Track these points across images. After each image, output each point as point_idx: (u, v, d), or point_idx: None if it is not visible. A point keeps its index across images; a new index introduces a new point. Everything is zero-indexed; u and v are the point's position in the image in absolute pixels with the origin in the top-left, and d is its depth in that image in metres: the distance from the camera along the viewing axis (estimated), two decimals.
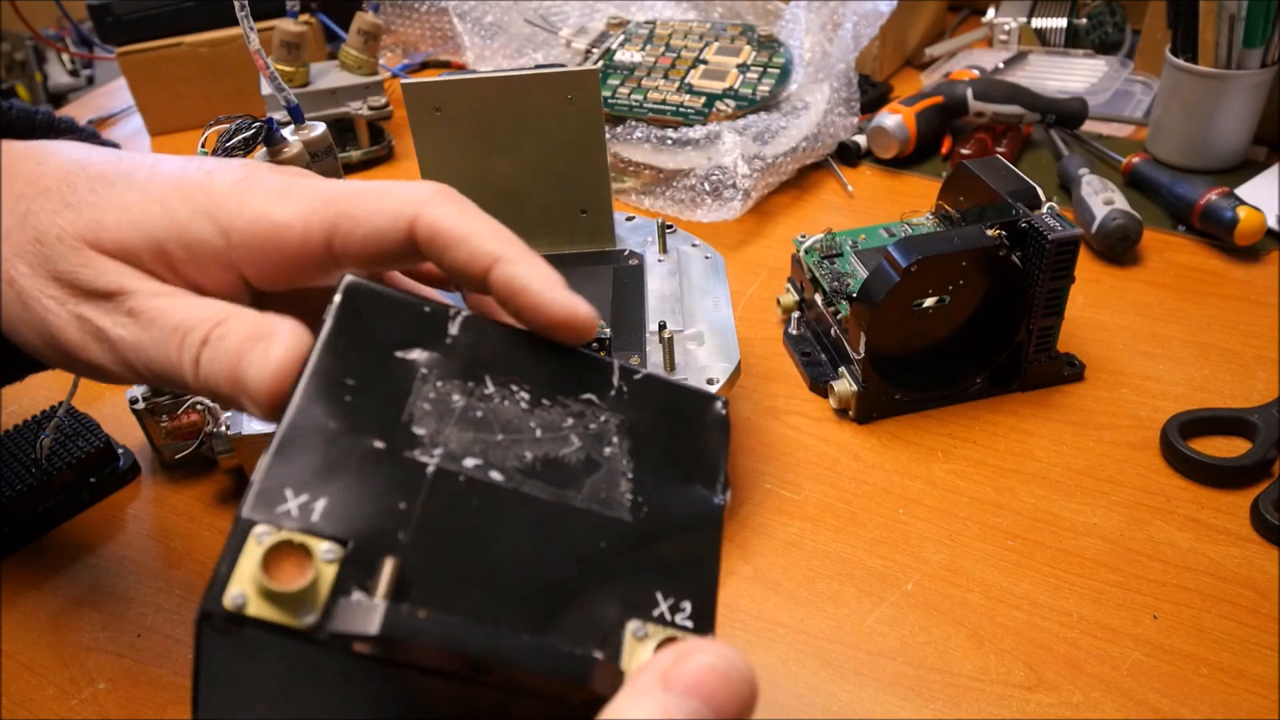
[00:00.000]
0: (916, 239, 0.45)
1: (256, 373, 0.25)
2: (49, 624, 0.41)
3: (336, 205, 0.27)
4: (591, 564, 0.23)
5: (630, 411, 0.26)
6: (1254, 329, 0.53)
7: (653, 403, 0.27)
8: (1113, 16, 0.88)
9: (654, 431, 0.26)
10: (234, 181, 0.28)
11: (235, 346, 0.25)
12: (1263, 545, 0.41)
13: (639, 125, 0.69)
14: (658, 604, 0.23)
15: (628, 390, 0.26)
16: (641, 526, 0.25)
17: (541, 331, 0.26)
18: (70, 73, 1.95)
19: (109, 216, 0.28)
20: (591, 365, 0.27)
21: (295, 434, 0.23)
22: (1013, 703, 0.36)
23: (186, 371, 0.26)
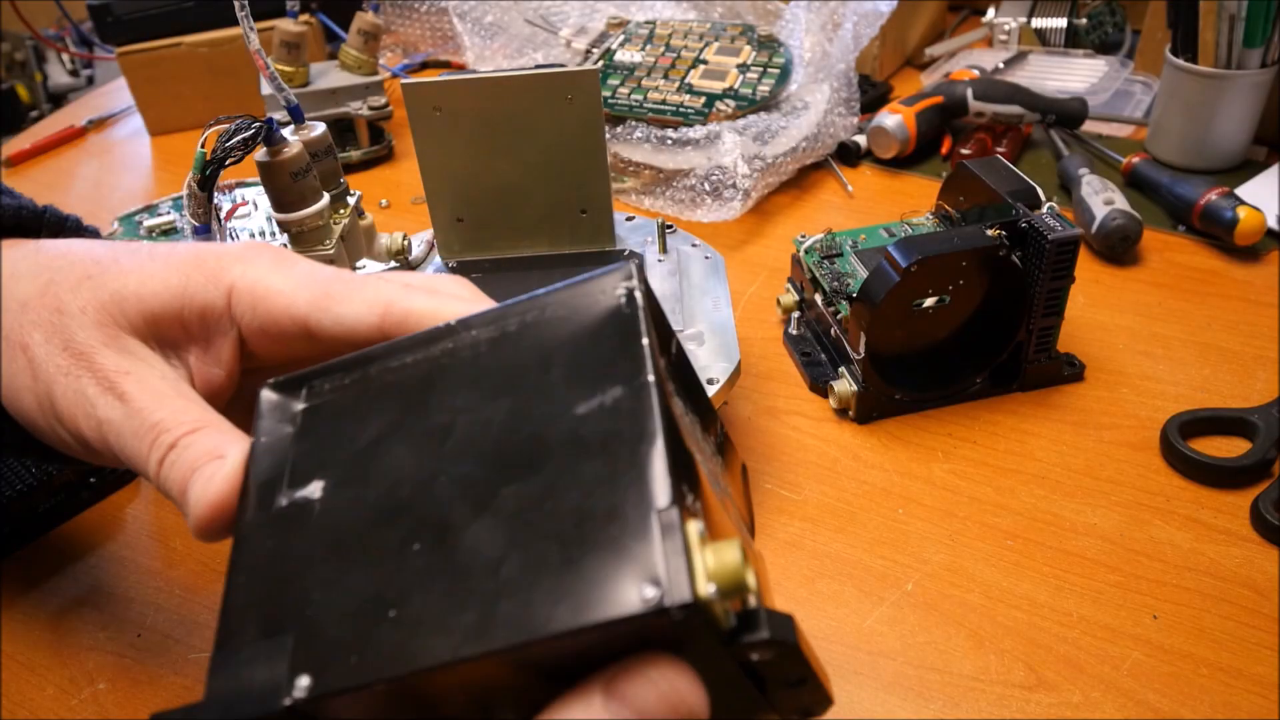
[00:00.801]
0: (916, 239, 0.45)
1: (198, 493, 0.26)
2: (49, 624, 0.41)
3: (322, 284, 0.29)
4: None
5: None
6: (1254, 329, 0.53)
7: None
8: (1113, 16, 0.88)
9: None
10: (238, 253, 0.30)
11: (192, 460, 0.27)
12: (1263, 545, 0.41)
13: (639, 125, 0.69)
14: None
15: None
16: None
17: None
18: (70, 73, 1.95)
19: (130, 287, 0.30)
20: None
21: (670, 429, 0.21)
22: (1013, 703, 0.36)
23: (151, 469, 0.27)
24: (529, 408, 0.23)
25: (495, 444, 0.22)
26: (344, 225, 0.45)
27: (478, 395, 0.23)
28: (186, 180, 0.38)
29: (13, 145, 0.89)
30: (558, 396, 0.22)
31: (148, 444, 0.27)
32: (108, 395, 0.28)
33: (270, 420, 0.26)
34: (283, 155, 0.41)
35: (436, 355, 0.25)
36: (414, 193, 0.74)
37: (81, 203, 0.80)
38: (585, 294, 0.25)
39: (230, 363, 0.30)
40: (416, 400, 0.24)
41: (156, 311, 0.29)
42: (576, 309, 0.24)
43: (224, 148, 0.37)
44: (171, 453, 0.27)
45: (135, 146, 0.89)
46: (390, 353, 0.25)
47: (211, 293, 0.29)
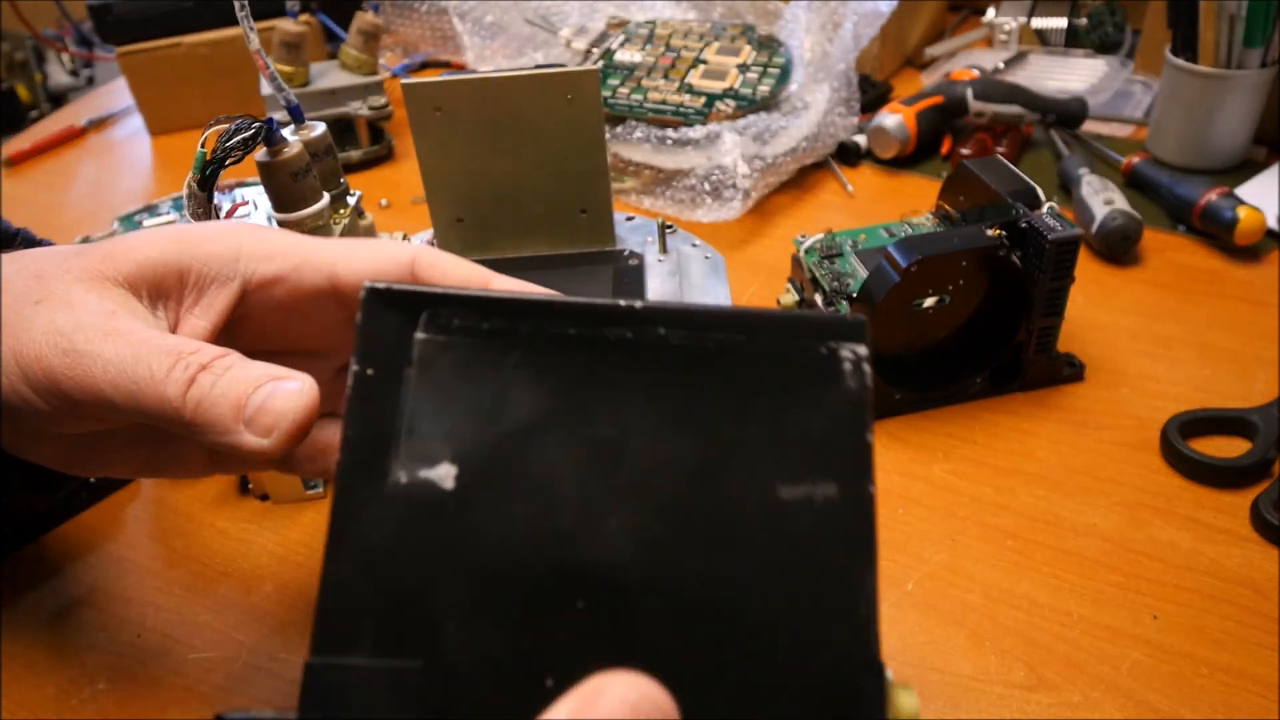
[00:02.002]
0: (916, 239, 0.45)
1: (280, 406, 0.25)
2: (49, 624, 0.41)
3: (344, 240, 0.29)
4: None
5: None
6: (1254, 329, 0.53)
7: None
8: (1113, 16, 0.88)
9: None
10: (243, 223, 0.30)
11: (246, 378, 0.26)
12: (1263, 545, 0.41)
13: (639, 125, 0.69)
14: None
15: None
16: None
17: None
18: (70, 72, 1.95)
19: (124, 244, 0.29)
20: None
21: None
22: (1013, 703, 0.36)
23: (172, 391, 0.26)
24: (722, 463, 0.20)
25: (679, 497, 0.19)
26: (344, 225, 0.45)
27: (659, 419, 0.20)
28: (186, 180, 0.38)
29: (13, 145, 0.89)
30: (758, 463, 0.20)
31: (164, 367, 0.26)
32: (93, 332, 0.26)
33: (375, 342, 0.20)
34: (283, 155, 0.41)
35: (609, 339, 0.20)
36: (414, 193, 0.74)
37: (81, 203, 0.80)
38: (804, 341, 0.21)
39: (219, 316, 0.29)
40: (577, 390, 0.20)
41: (155, 260, 0.28)
42: (790, 356, 0.20)
43: (224, 148, 0.37)
44: (205, 374, 0.26)
45: (135, 146, 0.89)
46: (548, 310, 0.21)
47: (219, 244, 0.29)
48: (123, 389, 0.26)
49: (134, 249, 0.29)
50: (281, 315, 0.29)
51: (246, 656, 0.39)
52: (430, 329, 0.20)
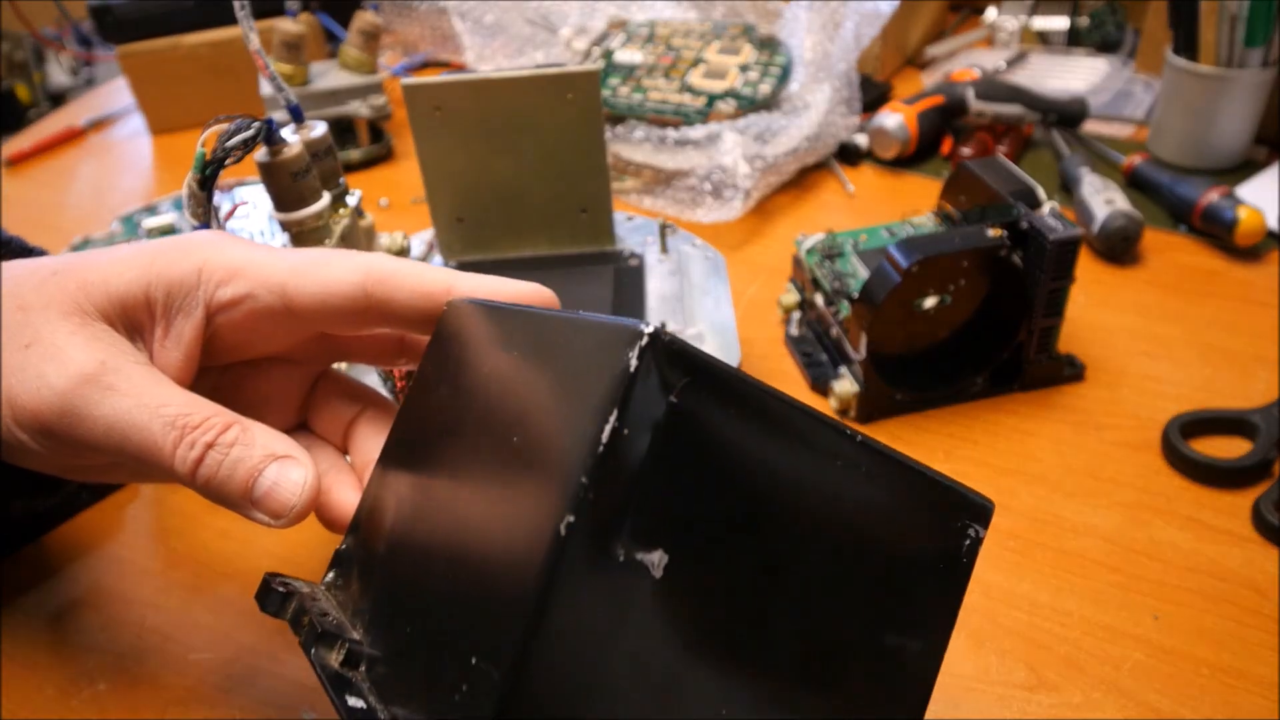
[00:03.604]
0: (917, 239, 0.45)
1: (287, 494, 0.27)
2: (49, 624, 0.41)
3: (298, 255, 0.29)
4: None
5: None
6: (1255, 329, 0.53)
7: None
8: (1114, 16, 0.88)
9: None
10: (206, 237, 0.30)
11: (253, 459, 0.27)
12: (1264, 545, 0.41)
13: (639, 125, 0.69)
14: None
15: None
16: None
17: None
18: (71, 71, 1.95)
19: (96, 275, 0.28)
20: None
21: None
22: (1013, 703, 0.36)
23: (179, 469, 0.26)
24: (847, 605, 0.21)
25: (807, 628, 0.20)
26: (344, 225, 0.45)
27: (813, 549, 0.20)
28: (186, 180, 0.38)
29: (13, 145, 0.89)
30: (867, 606, 0.21)
31: (171, 440, 0.26)
32: (89, 391, 0.27)
33: (638, 402, 0.18)
34: (283, 155, 0.41)
35: (808, 459, 0.20)
36: (414, 193, 0.74)
37: (81, 203, 0.80)
38: (921, 498, 0.22)
39: (190, 346, 0.29)
40: (772, 496, 0.20)
41: (123, 294, 0.28)
42: (912, 506, 0.22)
43: (224, 148, 0.37)
44: (212, 453, 0.26)
45: (135, 146, 0.89)
46: (785, 401, 0.20)
47: (180, 268, 0.28)
48: (127, 451, 0.27)
49: (106, 280, 0.28)
50: (246, 331, 0.29)
51: (246, 657, 0.39)
52: (684, 398, 0.19)
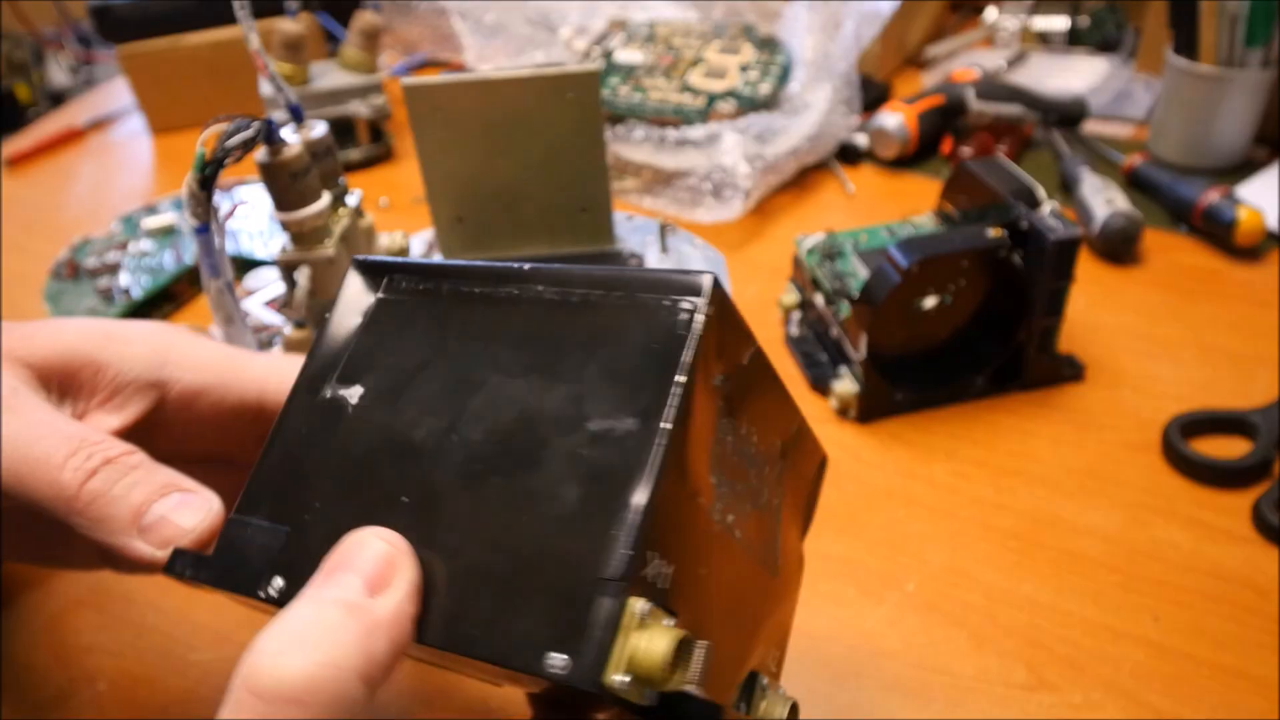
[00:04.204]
0: (917, 239, 0.45)
1: (185, 520, 0.25)
2: (49, 624, 0.41)
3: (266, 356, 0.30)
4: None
5: None
6: (1255, 329, 0.53)
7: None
8: (1113, 16, 0.88)
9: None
10: (179, 326, 0.30)
11: (153, 481, 0.25)
12: (1264, 545, 0.41)
13: (639, 125, 0.69)
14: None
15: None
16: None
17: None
18: (71, 69, 1.95)
19: (46, 328, 0.28)
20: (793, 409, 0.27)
21: (660, 484, 0.20)
22: (1013, 704, 0.36)
23: (67, 479, 0.25)
24: (552, 398, 0.22)
25: (509, 422, 0.22)
26: (344, 225, 0.45)
27: (516, 360, 0.23)
28: (186, 180, 0.38)
29: (13, 145, 0.89)
30: (582, 398, 0.22)
31: (64, 452, 0.25)
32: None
33: (347, 301, 0.26)
34: (283, 155, 0.41)
35: (501, 297, 0.25)
36: (414, 193, 0.74)
37: (81, 203, 0.80)
38: (653, 294, 0.23)
39: (131, 417, 0.28)
40: (467, 338, 0.24)
41: (72, 348, 0.28)
42: (639, 306, 0.23)
43: (224, 148, 0.37)
44: (109, 468, 0.25)
45: (135, 146, 0.89)
46: (463, 274, 0.25)
47: (147, 344, 0.28)
48: (11, 468, 0.25)
49: (56, 335, 0.28)
50: (199, 425, 0.29)
51: None
52: (387, 290, 0.26)
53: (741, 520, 0.24)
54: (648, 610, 0.19)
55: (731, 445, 0.24)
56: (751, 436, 0.25)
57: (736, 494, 0.24)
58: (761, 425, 0.25)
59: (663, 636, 0.18)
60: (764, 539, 0.26)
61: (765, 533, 0.26)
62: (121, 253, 0.65)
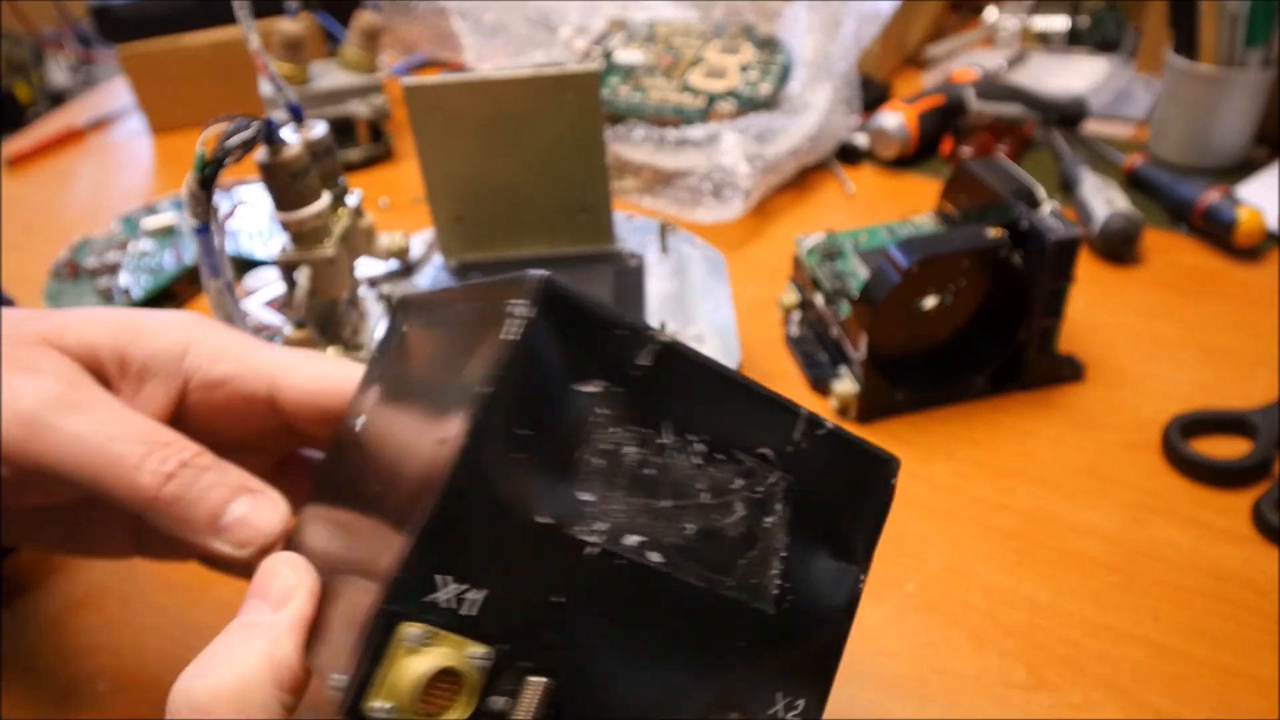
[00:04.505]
0: (917, 239, 0.45)
1: (260, 522, 0.26)
2: (49, 624, 0.41)
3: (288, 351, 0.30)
4: (731, 667, 0.21)
5: (800, 471, 0.22)
6: (1255, 329, 0.53)
7: (825, 462, 0.23)
8: (1113, 16, 0.88)
9: (818, 498, 0.22)
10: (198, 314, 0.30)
11: (225, 484, 0.26)
12: (1264, 545, 0.41)
13: (639, 125, 0.69)
14: (774, 703, 0.21)
15: (806, 447, 0.22)
16: (782, 620, 0.22)
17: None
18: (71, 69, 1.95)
19: (75, 318, 0.29)
20: (775, 412, 0.22)
21: (451, 503, 0.18)
22: (1013, 703, 0.36)
23: (145, 482, 0.25)
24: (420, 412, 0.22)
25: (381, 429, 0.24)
26: (344, 225, 0.45)
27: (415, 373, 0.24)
28: (186, 180, 0.38)
29: (13, 145, 0.89)
30: (430, 410, 0.21)
31: (139, 454, 0.25)
32: (57, 403, 0.26)
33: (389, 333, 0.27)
34: (283, 155, 0.41)
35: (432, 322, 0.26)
36: (414, 193, 0.74)
37: (81, 203, 0.80)
38: (491, 302, 0.21)
39: (159, 413, 0.28)
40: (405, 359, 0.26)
41: (94, 344, 0.28)
42: (491, 315, 0.21)
43: (224, 148, 0.37)
44: (186, 471, 0.26)
45: (135, 146, 0.89)
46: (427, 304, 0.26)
47: (167, 338, 0.28)
48: (88, 469, 0.25)
49: (86, 327, 0.28)
50: (219, 414, 0.29)
51: None
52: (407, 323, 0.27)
53: (675, 542, 0.21)
54: (421, 635, 0.18)
55: (642, 457, 0.21)
56: (694, 445, 0.21)
57: (661, 513, 0.21)
58: (716, 432, 0.21)
59: (420, 662, 0.17)
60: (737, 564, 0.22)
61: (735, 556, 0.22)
62: (121, 253, 0.65)
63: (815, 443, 0.22)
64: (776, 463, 0.22)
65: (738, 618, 0.21)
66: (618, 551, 0.20)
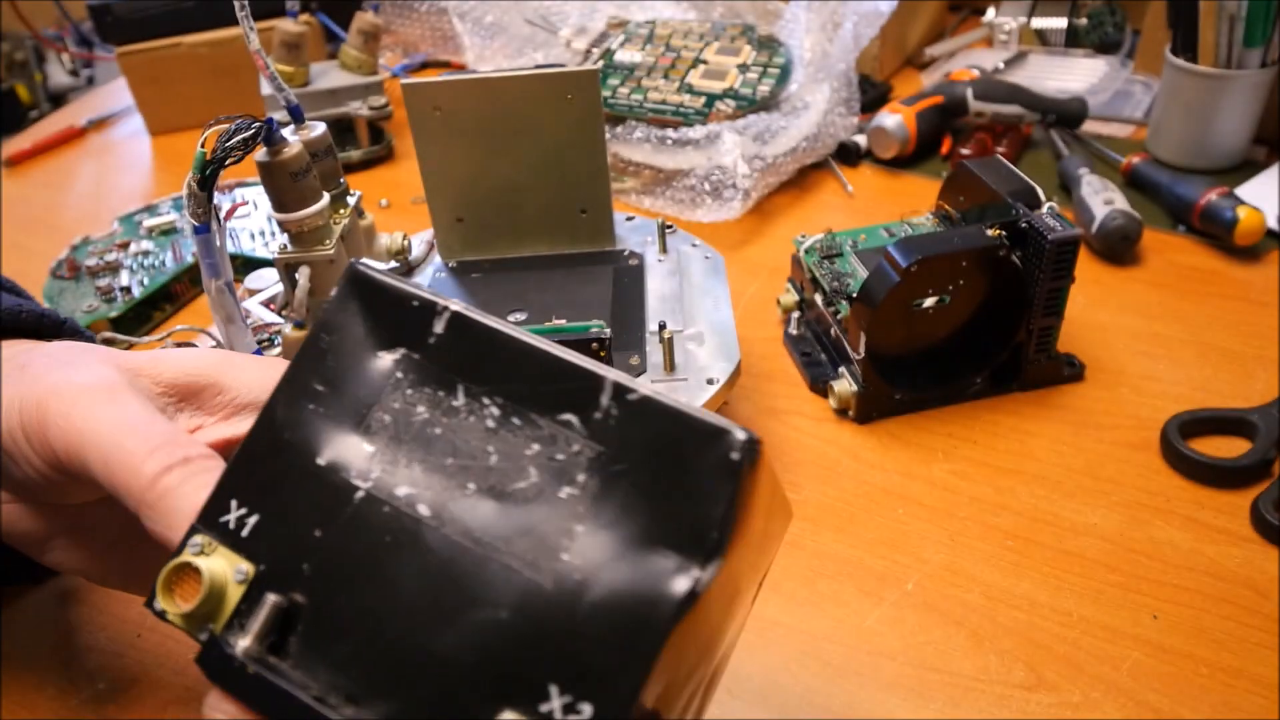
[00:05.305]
0: (916, 239, 0.45)
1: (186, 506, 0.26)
2: (49, 624, 0.41)
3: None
4: (489, 636, 0.20)
5: (614, 442, 0.20)
6: (1254, 329, 0.53)
7: (647, 433, 0.20)
8: (1113, 16, 0.88)
9: (635, 472, 0.20)
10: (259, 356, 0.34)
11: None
12: (1263, 545, 0.41)
13: (639, 125, 0.69)
14: (548, 699, 0.19)
15: (617, 413, 0.21)
16: (563, 600, 0.19)
17: None
18: (70, 72, 1.95)
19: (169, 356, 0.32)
20: (576, 377, 0.21)
21: (255, 443, 0.23)
22: (1013, 703, 0.36)
23: (148, 468, 0.26)
24: None
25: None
26: (344, 225, 0.45)
27: None
28: (186, 180, 0.38)
29: (13, 145, 0.89)
30: None
31: (151, 445, 0.26)
32: (100, 394, 0.28)
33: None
34: (283, 155, 0.41)
35: None
36: (414, 193, 0.74)
37: (81, 203, 0.80)
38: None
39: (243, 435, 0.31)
40: None
41: (198, 368, 0.31)
42: None
43: (224, 148, 0.37)
44: (185, 466, 0.26)
45: (135, 146, 0.89)
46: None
47: (258, 373, 0.32)
48: (103, 452, 0.26)
49: (183, 358, 0.31)
50: None
51: None
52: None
53: (451, 499, 0.21)
54: (200, 544, 0.22)
55: (432, 418, 0.22)
56: (489, 408, 0.22)
57: (442, 470, 0.21)
58: (513, 396, 0.22)
59: (173, 559, 0.22)
60: (518, 530, 0.21)
61: (519, 522, 0.21)
62: (121, 252, 0.65)
63: (629, 411, 0.20)
64: (583, 431, 0.21)
65: (507, 586, 0.20)
66: (384, 499, 0.21)
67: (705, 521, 0.19)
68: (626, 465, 0.20)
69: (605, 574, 0.19)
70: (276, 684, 0.20)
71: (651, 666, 0.18)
